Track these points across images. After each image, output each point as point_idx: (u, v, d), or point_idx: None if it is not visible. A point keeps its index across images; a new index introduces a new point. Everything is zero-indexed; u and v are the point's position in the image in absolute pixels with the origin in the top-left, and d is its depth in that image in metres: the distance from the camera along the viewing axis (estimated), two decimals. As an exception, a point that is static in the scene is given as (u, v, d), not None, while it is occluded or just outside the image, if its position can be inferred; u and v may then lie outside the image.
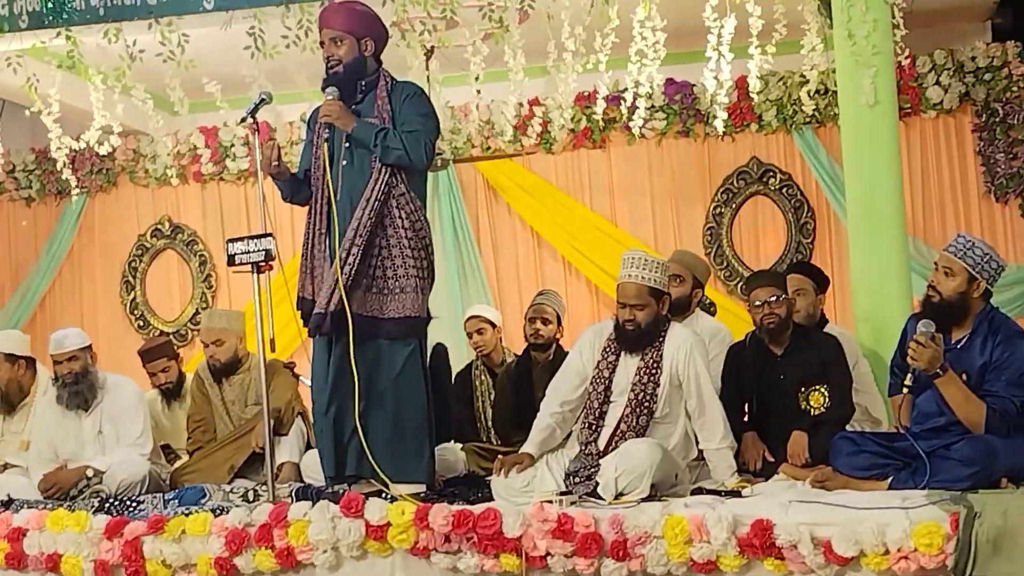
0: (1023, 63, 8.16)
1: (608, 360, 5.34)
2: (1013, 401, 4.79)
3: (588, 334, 5.51)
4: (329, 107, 5.28)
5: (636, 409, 5.21)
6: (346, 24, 5.33)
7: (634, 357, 5.30)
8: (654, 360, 5.26)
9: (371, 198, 5.19)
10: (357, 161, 5.28)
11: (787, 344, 5.68)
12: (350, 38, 5.31)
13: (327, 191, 5.27)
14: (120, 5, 6.72)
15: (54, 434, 6.16)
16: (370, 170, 5.23)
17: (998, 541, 4.32)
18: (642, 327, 5.26)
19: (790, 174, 8.50)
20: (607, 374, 5.32)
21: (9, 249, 9.56)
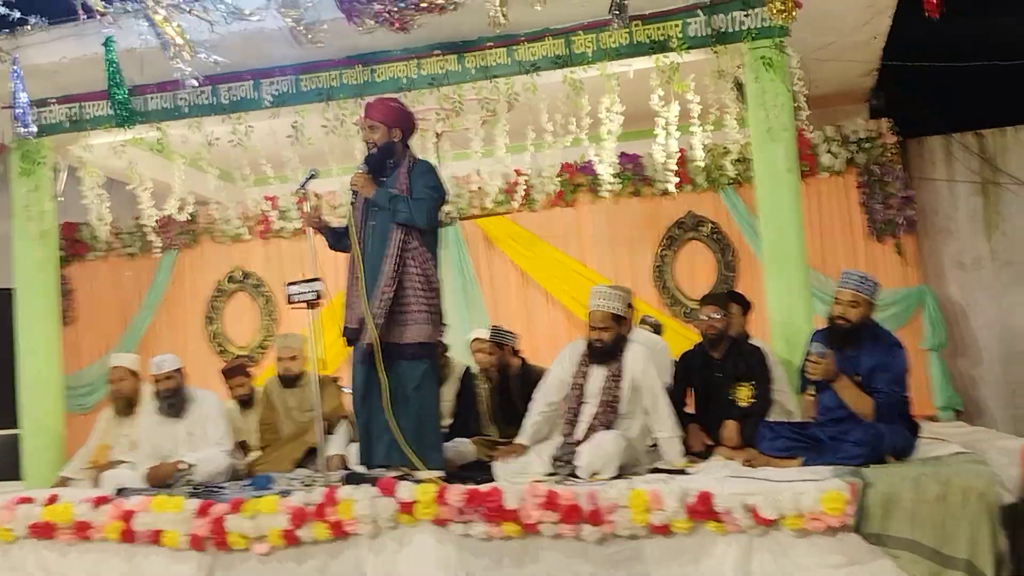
0: (894, 134, 8.19)
1: (582, 370, 5.36)
2: (894, 396, 4.82)
3: (566, 350, 5.53)
4: (355, 178, 5.31)
5: (605, 408, 5.22)
6: (380, 116, 5.35)
7: (602, 367, 5.31)
8: (618, 370, 5.28)
9: (390, 253, 5.20)
10: (380, 223, 5.28)
11: (724, 351, 5.70)
12: (383, 127, 5.33)
13: (355, 248, 5.29)
14: (200, 104, 6.75)
15: (155, 436, 6.14)
16: (389, 231, 5.24)
17: (886, 504, 4.34)
18: (607, 344, 5.29)
19: (718, 224, 8.50)
20: (581, 381, 5.34)
21: (118, 295, 9.54)
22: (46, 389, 7.06)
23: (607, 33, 6.21)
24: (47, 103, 6.92)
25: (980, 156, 8.51)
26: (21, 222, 7.05)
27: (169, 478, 5.86)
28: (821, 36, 6.80)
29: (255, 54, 6.39)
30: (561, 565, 4.69)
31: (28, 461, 6.91)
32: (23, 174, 7.05)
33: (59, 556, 5.25)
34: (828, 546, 4.40)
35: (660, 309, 8.43)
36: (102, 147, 7.30)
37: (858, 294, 4.91)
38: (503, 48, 6.36)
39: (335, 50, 6.35)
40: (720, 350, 5.72)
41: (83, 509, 5.24)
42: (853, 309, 4.91)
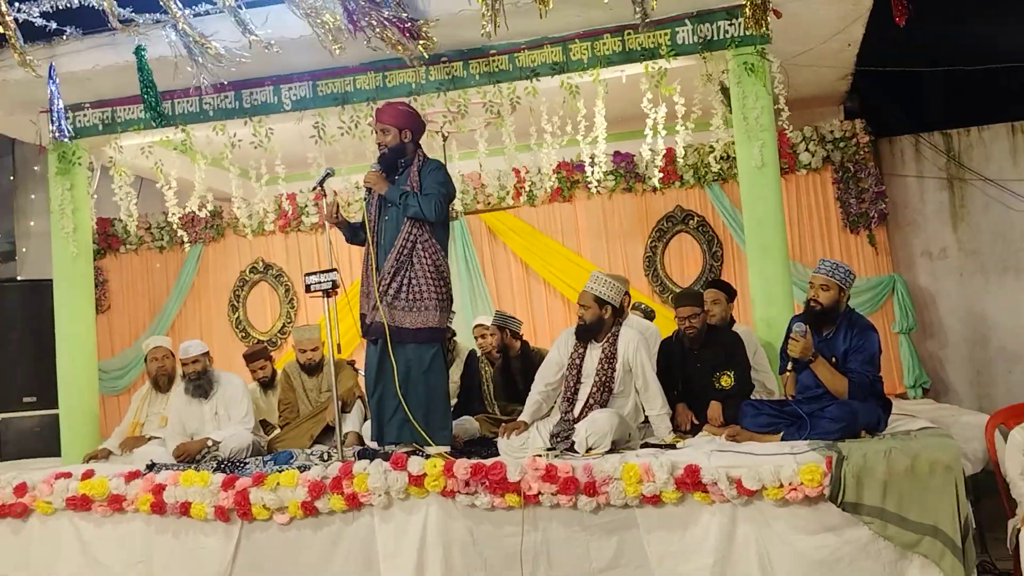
0: (867, 134, 8.18)
1: (578, 352, 5.36)
2: (867, 376, 4.83)
3: (563, 334, 5.53)
4: (369, 176, 5.32)
5: (600, 388, 5.22)
6: (391, 119, 5.35)
7: (596, 349, 5.31)
8: (611, 351, 5.28)
9: (401, 245, 5.21)
10: (393, 218, 5.29)
11: (702, 341, 5.69)
12: (394, 129, 5.33)
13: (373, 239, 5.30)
14: (224, 108, 6.75)
15: (183, 415, 6.15)
16: (401, 225, 5.24)
17: (860, 475, 4.35)
18: (588, 323, 5.29)
19: (704, 217, 8.49)
20: (577, 362, 5.34)
21: (148, 285, 9.54)
22: (82, 372, 7.06)
23: (601, 42, 6.22)
24: (81, 107, 6.92)
25: (946, 154, 8.50)
26: (58, 218, 7.05)
27: (196, 454, 5.88)
28: (799, 44, 6.78)
29: (275, 61, 6.38)
30: (559, 532, 4.71)
31: (66, 439, 6.92)
32: (59, 173, 7.05)
33: (94, 527, 5.28)
34: (806, 515, 4.42)
35: (651, 296, 8.43)
36: (132, 148, 7.31)
37: (829, 279, 4.93)
38: (505, 55, 6.35)
39: (350, 57, 6.34)
40: (698, 341, 5.70)
41: (116, 483, 5.27)
42: (824, 292, 4.93)
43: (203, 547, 5.11)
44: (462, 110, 6.59)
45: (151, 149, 7.27)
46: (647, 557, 4.59)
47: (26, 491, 5.37)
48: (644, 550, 4.60)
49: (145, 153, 7.28)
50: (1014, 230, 8.29)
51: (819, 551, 4.40)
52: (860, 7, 6.34)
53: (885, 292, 8.10)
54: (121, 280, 9.57)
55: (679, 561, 4.55)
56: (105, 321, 9.27)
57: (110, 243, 9.52)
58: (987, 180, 8.37)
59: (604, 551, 4.65)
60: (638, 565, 4.61)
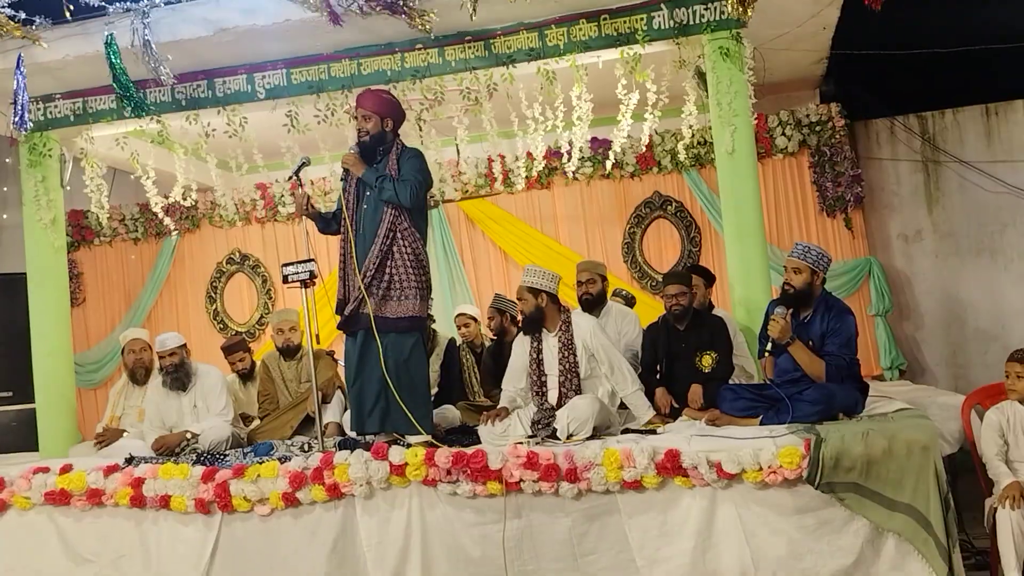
0: (842, 118, 8.22)
1: (534, 347, 5.40)
2: (844, 358, 4.86)
3: (518, 338, 5.59)
4: (347, 157, 5.29)
5: (567, 375, 5.26)
6: (373, 106, 5.32)
7: (551, 339, 5.35)
8: (567, 339, 5.32)
9: (382, 233, 5.18)
10: (371, 206, 5.26)
11: (687, 323, 5.72)
12: (375, 116, 5.31)
13: (351, 229, 5.26)
14: (197, 97, 6.67)
15: (162, 408, 6.12)
16: (382, 212, 5.22)
17: (838, 457, 4.38)
18: (527, 314, 5.37)
19: (682, 202, 8.51)
20: (536, 356, 5.38)
21: (123, 277, 9.46)
22: (58, 367, 6.99)
23: (577, 27, 6.19)
24: (52, 98, 6.83)
25: (921, 137, 8.56)
26: (31, 211, 6.97)
27: (176, 447, 5.86)
28: (775, 27, 6.79)
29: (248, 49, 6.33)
30: (541, 519, 4.73)
31: (44, 433, 6.86)
32: (31, 166, 6.97)
33: (73, 521, 5.26)
34: (785, 497, 4.46)
35: (630, 283, 8.46)
36: (104, 139, 7.23)
37: (800, 261, 4.97)
38: (481, 42, 6.31)
39: (324, 45, 6.30)
40: (684, 323, 5.74)
41: (95, 477, 5.24)
42: (796, 275, 4.97)
43: (184, 540, 5.09)
44: (439, 97, 6.56)
45: (126, 140, 7.20)
46: (629, 542, 4.61)
47: (3, 486, 5.33)
48: (626, 535, 4.62)
49: (120, 144, 7.21)
50: (988, 212, 8.36)
51: (798, 531, 4.44)
52: (835, -9, 6.37)
53: (862, 275, 8.17)
54: (96, 272, 9.50)
55: (660, 545, 4.57)
56: (80, 314, 9.19)
57: (84, 235, 9.43)
58: (962, 162, 8.44)
59: (586, 537, 4.67)
60: (620, 550, 4.63)
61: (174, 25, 5.97)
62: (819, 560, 4.41)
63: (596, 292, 6.16)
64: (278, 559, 5.00)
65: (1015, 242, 8.33)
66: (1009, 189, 8.31)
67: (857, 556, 4.38)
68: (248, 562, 5.04)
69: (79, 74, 6.48)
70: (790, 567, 4.44)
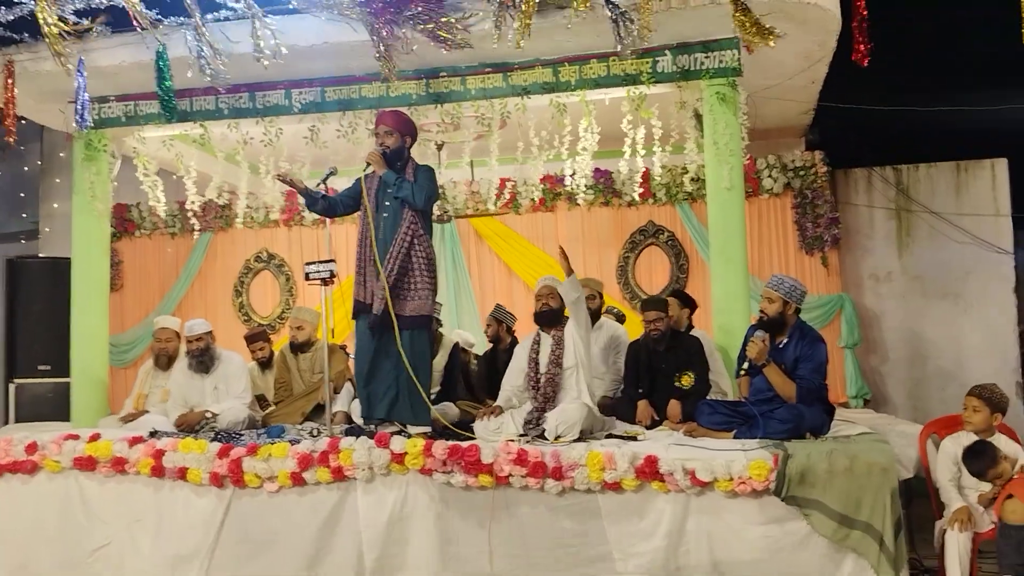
0: (825, 165, 8.22)
1: (534, 348, 5.38)
2: (814, 382, 4.85)
3: (522, 344, 5.57)
4: (371, 155, 5.32)
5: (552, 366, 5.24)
6: (395, 124, 5.38)
7: (549, 338, 5.34)
8: (560, 337, 5.30)
9: (399, 237, 5.19)
10: (391, 213, 5.26)
11: (666, 344, 5.70)
12: (397, 133, 5.35)
13: (369, 233, 5.25)
14: (240, 107, 6.69)
15: (185, 389, 6.10)
16: (401, 219, 5.21)
17: (803, 473, 4.37)
18: (552, 308, 5.35)
19: (673, 232, 8.50)
20: (535, 357, 5.36)
21: (159, 268, 9.44)
22: (94, 345, 6.99)
23: (588, 66, 6.21)
24: (107, 100, 6.85)
25: (896, 187, 8.55)
26: (82, 201, 6.98)
27: (196, 425, 5.84)
28: (768, 78, 6.80)
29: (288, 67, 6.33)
30: (527, 512, 4.70)
31: (76, 406, 6.85)
32: (86, 160, 6.98)
33: (97, 486, 5.23)
34: (753, 507, 4.44)
35: (621, 302, 8.42)
36: (153, 140, 7.24)
37: (774, 292, 4.98)
38: (500, 74, 6.33)
39: (357, 67, 6.31)
40: (663, 344, 5.71)
41: (120, 447, 5.21)
42: (769, 304, 4.98)
43: (196, 509, 5.06)
44: (456, 121, 6.57)
45: (172, 142, 7.22)
46: (607, 538, 4.59)
47: (36, 450, 5.31)
48: (604, 531, 4.59)
49: (167, 145, 7.23)
50: (953, 259, 8.36)
51: (763, 540, 4.42)
52: (824, 49, 6.37)
53: (834, 310, 8.14)
54: (134, 262, 9.47)
55: (635, 542, 4.54)
56: (118, 299, 9.16)
57: (126, 227, 9.42)
58: (932, 213, 8.43)
59: (568, 531, 4.64)
60: (598, 544, 4.60)
61: (223, 41, 5.98)
62: (780, 568, 4.39)
63: (593, 307, 6.14)
64: (282, 533, 4.97)
65: (976, 288, 8.31)
66: (973, 240, 8.30)
67: (817, 567, 4.37)
68: (254, 534, 5.01)
69: (132, 79, 6.49)
70: (753, 572, 4.41)
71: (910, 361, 8.40)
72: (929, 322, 8.39)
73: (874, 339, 8.46)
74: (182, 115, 6.65)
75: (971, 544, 4.38)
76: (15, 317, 8.31)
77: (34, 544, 5.22)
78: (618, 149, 6.68)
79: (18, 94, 6.27)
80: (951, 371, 8.21)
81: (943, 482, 4.69)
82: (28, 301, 8.28)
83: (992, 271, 8.29)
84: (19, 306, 8.32)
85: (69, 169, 7.27)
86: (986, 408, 4.67)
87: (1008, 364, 8.18)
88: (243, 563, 4.98)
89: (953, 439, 4.78)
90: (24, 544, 5.23)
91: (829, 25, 5.96)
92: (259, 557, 4.97)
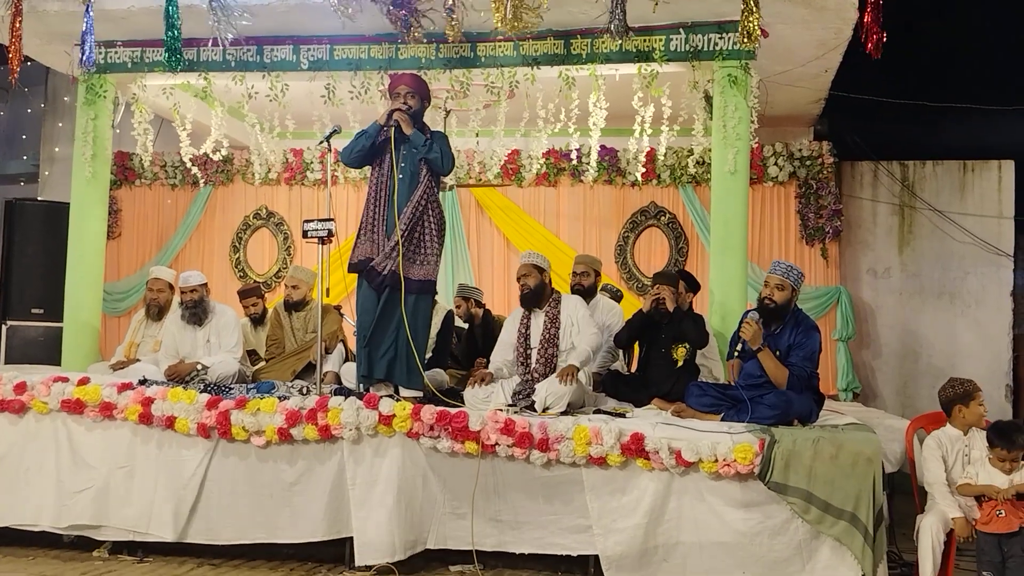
0: (832, 157, 8.21)
1: (524, 324, 5.40)
2: (805, 370, 4.84)
3: (512, 314, 5.57)
4: (400, 115, 5.25)
5: (546, 345, 5.27)
6: (418, 87, 5.40)
7: (539, 316, 5.35)
8: (554, 314, 5.34)
9: (415, 200, 5.19)
10: (406, 175, 5.24)
11: (669, 316, 5.66)
12: (418, 96, 5.35)
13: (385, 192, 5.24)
14: (246, 60, 6.64)
15: (177, 339, 6.09)
16: (418, 181, 5.21)
17: (788, 458, 4.37)
18: (531, 288, 5.37)
19: (675, 215, 8.50)
20: (525, 333, 5.37)
21: (158, 219, 9.43)
22: (88, 292, 6.98)
23: (601, 39, 6.16)
24: (113, 44, 6.79)
25: (901, 183, 8.54)
26: (80, 145, 6.94)
27: (186, 375, 5.84)
28: (781, 64, 6.76)
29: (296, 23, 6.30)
30: (510, 481, 4.72)
31: (67, 350, 6.86)
32: (86, 104, 6.93)
33: (84, 430, 5.21)
34: (735, 489, 4.46)
35: (619, 282, 8.43)
36: (154, 87, 7.19)
37: (784, 279, 4.94)
38: (510, 43, 6.29)
39: (366, 27, 6.26)
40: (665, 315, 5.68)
41: (109, 392, 5.19)
42: (779, 291, 4.94)
43: (182, 459, 5.06)
44: (465, 89, 6.53)
45: (172, 91, 7.17)
46: (588, 511, 4.60)
47: (25, 390, 5.30)
48: (586, 505, 4.61)
49: (166, 94, 7.17)
50: (953, 259, 8.37)
51: (743, 523, 4.43)
52: (840, 37, 6.32)
53: (830, 302, 8.16)
54: (133, 211, 9.46)
55: (616, 518, 4.56)
56: (115, 247, 9.16)
57: (127, 176, 9.39)
58: (935, 210, 8.42)
59: (551, 501, 4.66)
60: (579, 517, 4.62)
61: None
62: (758, 551, 4.41)
63: (588, 284, 6.12)
64: (267, 488, 4.98)
65: (974, 289, 8.33)
66: (975, 240, 8.30)
67: (794, 552, 4.39)
68: (239, 487, 5.01)
69: (139, 24, 6.45)
70: (731, 554, 4.44)
71: (902, 357, 8.43)
72: (924, 320, 8.42)
73: (868, 333, 8.48)
74: (188, 65, 6.60)
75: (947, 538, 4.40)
76: (11, 259, 8.30)
77: (19, 482, 5.23)
78: (625, 127, 6.65)
79: (24, 33, 6.21)
80: (943, 369, 8.21)
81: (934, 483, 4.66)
82: (24, 244, 8.27)
83: (991, 273, 8.30)
84: (15, 249, 8.30)
85: (72, 113, 7.23)
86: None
87: (1000, 366, 8.21)
88: (226, 514, 5.00)
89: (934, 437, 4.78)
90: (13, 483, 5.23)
91: (846, 13, 5.92)
92: (242, 510, 4.98)
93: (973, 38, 8.83)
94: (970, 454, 4.60)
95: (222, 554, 5.08)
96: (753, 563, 4.41)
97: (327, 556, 5.00)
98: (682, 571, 4.50)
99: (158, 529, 5.02)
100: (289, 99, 6.76)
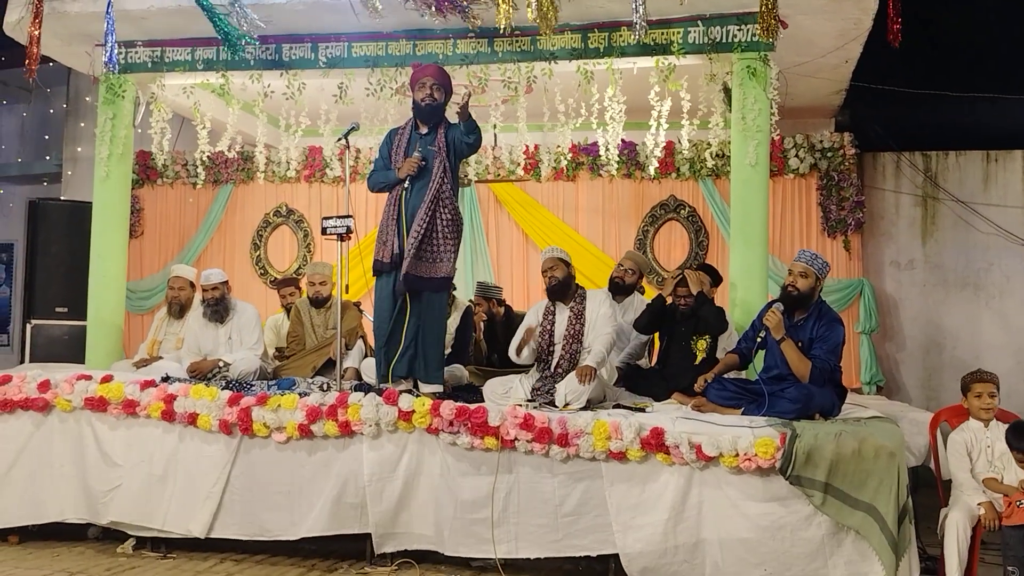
0: (853, 147, 8.12)
1: (548, 319, 5.38)
2: (828, 363, 4.80)
3: (536, 306, 5.55)
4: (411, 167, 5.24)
5: (570, 340, 5.25)
6: (443, 79, 5.40)
7: (564, 311, 5.33)
8: (579, 310, 5.32)
9: (429, 197, 5.18)
10: (423, 171, 5.24)
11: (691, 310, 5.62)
12: (443, 89, 5.35)
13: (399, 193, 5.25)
14: (265, 59, 6.66)
15: (200, 337, 6.14)
16: (431, 181, 5.20)
17: (809, 453, 4.34)
18: (559, 280, 5.35)
19: (695, 208, 8.44)
20: (549, 328, 5.36)
21: (180, 217, 9.47)
22: (111, 290, 7.04)
23: (618, 33, 6.14)
24: (134, 44, 6.83)
25: (924, 174, 8.44)
26: (101, 144, 6.99)
27: (208, 372, 5.88)
28: (800, 55, 6.70)
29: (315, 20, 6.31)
30: (530, 476, 4.72)
31: (91, 349, 6.92)
32: (107, 103, 6.98)
33: (108, 428, 5.28)
34: (756, 484, 4.43)
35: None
36: (174, 87, 7.23)
37: (808, 267, 4.90)
38: (528, 37, 6.27)
39: (383, 24, 6.26)
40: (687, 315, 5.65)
41: (132, 389, 5.25)
42: (803, 279, 4.89)
43: (205, 455, 5.11)
44: (483, 84, 6.52)
45: (192, 90, 7.21)
46: (608, 507, 4.59)
47: (49, 388, 5.36)
48: (606, 501, 4.60)
49: (187, 93, 7.22)
50: (977, 250, 8.27)
51: (764, 518, 4.40)
52: (860, 27, 6.25)
53: (853, 294, 8.08)
54: (155, 210, 9.51)
55: (636, 514, 4.55)
56: (137, 245, 9.21)
57: (148, 175, 9.45)
58: (959, 201, 8.32)
59: (569, 498, 4.65)
60: (598, 514, 4.61)
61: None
62: (780, 547, 4.38)
63: (629, 282, 6.13)
64: (288, 484, 5.02)
65: (998, 281, 8.22)
66: (999, 231, 8.20)
67: (816, 548, 4.35)
68: (261, 483, 5.06)
69: (159, 24, 6.49)
70: (752, 550, 4.41)
71: (926, 350, 8.34)
72: (948, 312, 8.32)
73: (891, 326, 8.39)
74: (207, 63, 6.64)
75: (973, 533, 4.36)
76: (35, 259, 8.38)
77: (44, 479, 5.28)
78: (643, 121, 6.61)
79: (45, 35, 6.27)
80: (967, 362, 8.11)
81: (960, 476, 4.63)
82: (48, 243, 8.35)
83: (1016, 264, 8.20)
84: (39, 248, 8.38)
85: (94, 113, 7.28)
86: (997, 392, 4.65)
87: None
88: (250, 510, 5.03)
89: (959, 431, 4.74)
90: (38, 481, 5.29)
91: (866, 3, 5.86)
92: (266, 505, 5.02)
93: (995, 25, 8.70)
94: (993, 446, 4.56)
95: (245, 549, 5.13)
96: (775, 559, 4.37)
97: (348, 551, 5.03)
98: (703, 569, 4.48)
99: (190, 526, 5.07)
100: (306, 96, 6.76)
